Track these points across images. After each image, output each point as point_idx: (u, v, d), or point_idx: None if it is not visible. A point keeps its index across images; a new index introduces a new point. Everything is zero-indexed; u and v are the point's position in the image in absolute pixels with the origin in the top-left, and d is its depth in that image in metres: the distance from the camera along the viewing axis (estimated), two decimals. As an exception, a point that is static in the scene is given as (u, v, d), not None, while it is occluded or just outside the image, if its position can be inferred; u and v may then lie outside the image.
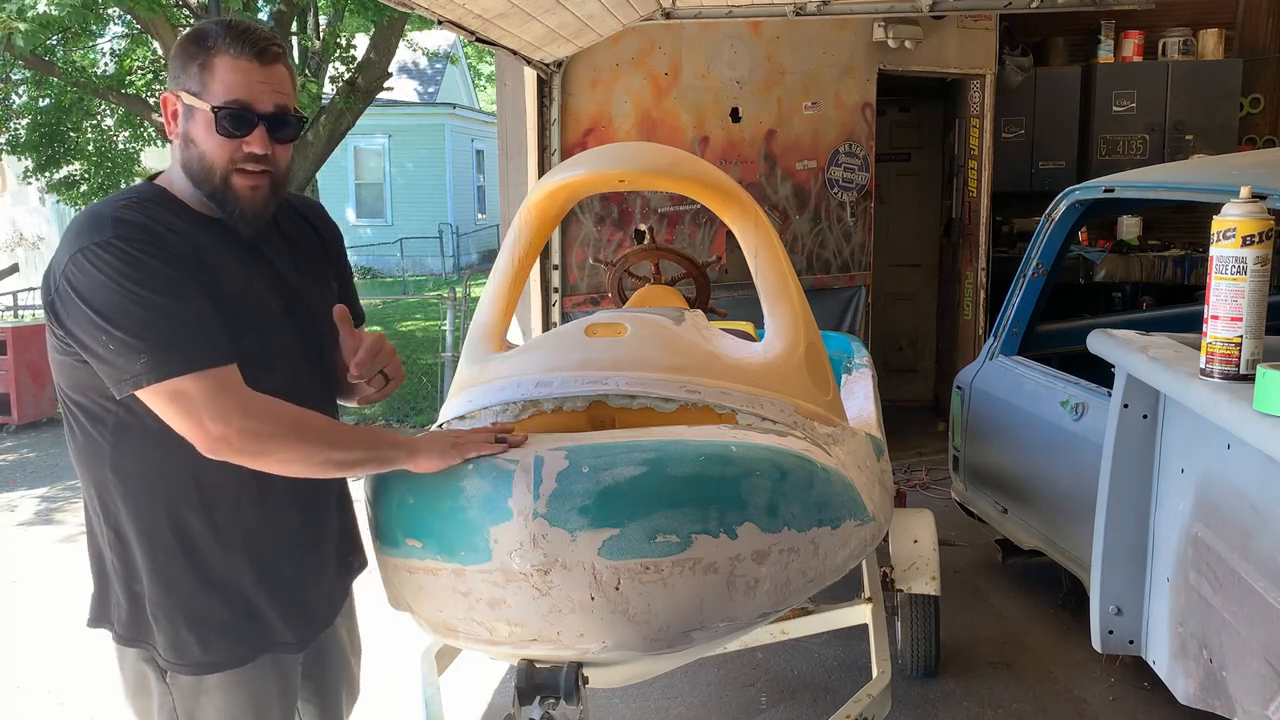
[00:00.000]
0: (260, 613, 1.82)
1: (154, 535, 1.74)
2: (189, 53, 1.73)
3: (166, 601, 1.75)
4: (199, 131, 1.73)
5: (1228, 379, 2.11)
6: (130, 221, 1.66)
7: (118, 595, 1.79)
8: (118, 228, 1.64)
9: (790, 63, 6.18)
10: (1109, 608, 2.68)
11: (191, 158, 1.75)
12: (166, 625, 1.75)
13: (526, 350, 2.33)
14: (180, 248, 1.68)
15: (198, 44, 1.73)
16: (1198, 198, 3.52)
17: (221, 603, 1.78)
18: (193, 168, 1.75)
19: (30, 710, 3.86)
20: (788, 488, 1.98)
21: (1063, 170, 7.30)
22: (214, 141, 1.73)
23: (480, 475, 1.83)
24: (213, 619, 1.77)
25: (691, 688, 3.82)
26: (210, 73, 1.71)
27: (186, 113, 1.74)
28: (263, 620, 1.83)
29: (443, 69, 25.08)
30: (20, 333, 9.13)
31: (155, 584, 1.75)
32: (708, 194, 2.42)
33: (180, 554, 1.75)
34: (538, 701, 1.96)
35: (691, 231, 6.11)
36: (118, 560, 1.77)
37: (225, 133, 1.72)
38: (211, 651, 1.77)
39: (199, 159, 1.74)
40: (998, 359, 4.47)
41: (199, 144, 1.74)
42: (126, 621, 1.78)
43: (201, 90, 1.72)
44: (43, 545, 5.87)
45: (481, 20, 4.53)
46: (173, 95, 1.75)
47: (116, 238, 1.62)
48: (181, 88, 1.74)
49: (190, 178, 1.77)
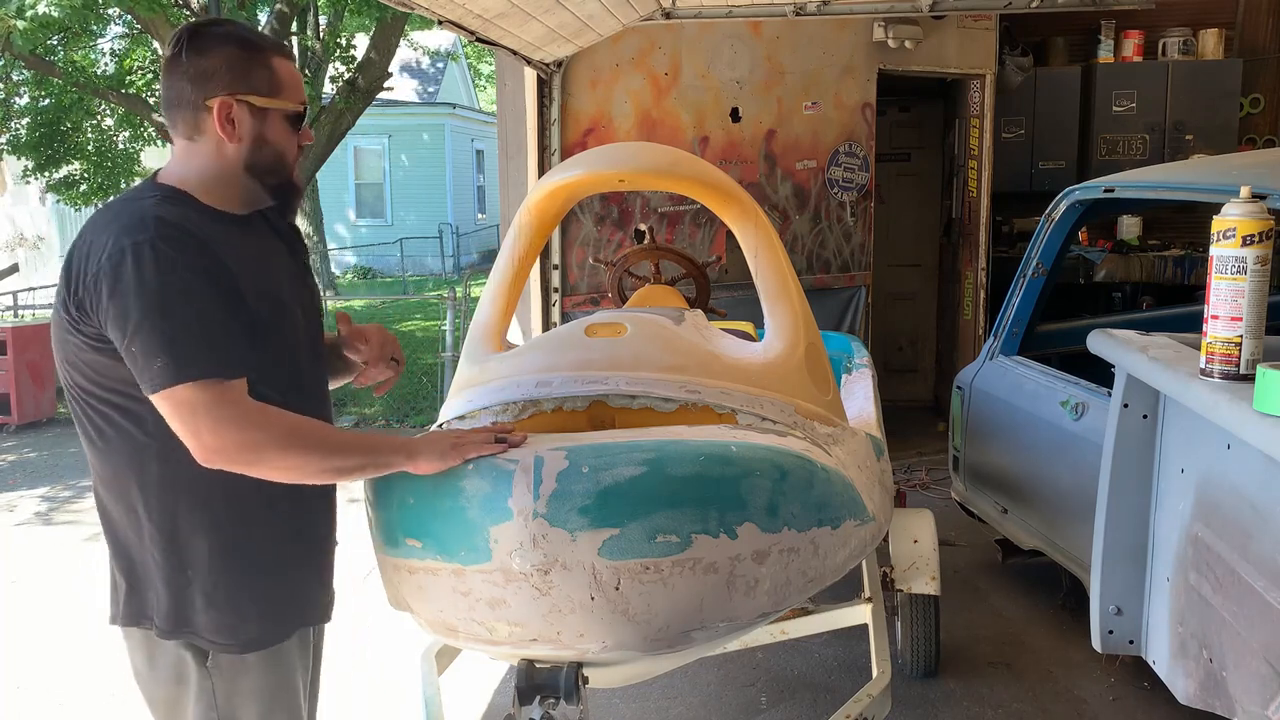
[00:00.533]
0: (304, 588, 1.92)
1: (210, 522, 1.77)
2: (248, 57, 1.78)
3: (225, 584, 1.78)
4: (276, 131, 1.82)
5: (1228, 379, 2.11)
6: (170, 221, 1.69)
7: (158, 589, 1.79)
8: (159, 227, 1.67)
9: (790, 63, 6.19)
10: (1109, 608, 2.68)
11: (265, 156, 1.82)
12: (224, 607, 1.78)
13: (526, 350, 2.33)
14: (211, 251, 1.71)
15: (252, 49, 1.79)
16: (1198, 198, 3.52)
17: (276, 581, 1.85)
18: (264, 165, 1.82)
19: (30, 710, 3.86)
20: (788, 488, 1.98)
21: (1063, 170, 7.30)
22: (290, 138, 1.84)
23: (480, 475, 1.83)
24: (268, 596, 1.83)
25: (691, 688, 3.82)
26: (277, 76, 1.80)
27: (258, 114, 1.79)
28: (305, 595, 1.92)
29: (443, 69, 25.09)
30: (20, 333, 9.12)
31: (212, 569, 1.77)
32: (708, 194, 2.42)
33: (237, 537, 1.79)
34: (538, 701, 1.96)
35: (691, 231, 6.11)
36: (160, 554, 1.77)
37: (297, 130, 1.85)
38: (264, 627, 1.83)
39: (275, 157, 1.83)
40: (998, 359, 4.47)
41: (274, 142, 1.82)
42: (167, 613, 1.79)
43: (275, 92, 1.80)
44: (42, 545, 5.87)
45: (481, 20, 4.53)
46: (230, 99, 1.77)
47: (160, 238, 1.65)
48: (249, 90, 1.78)
49: (257, 174, 1.82)
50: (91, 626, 4.56)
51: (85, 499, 6.74)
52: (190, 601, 1.78)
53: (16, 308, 13.67)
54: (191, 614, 1.79)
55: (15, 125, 13.80)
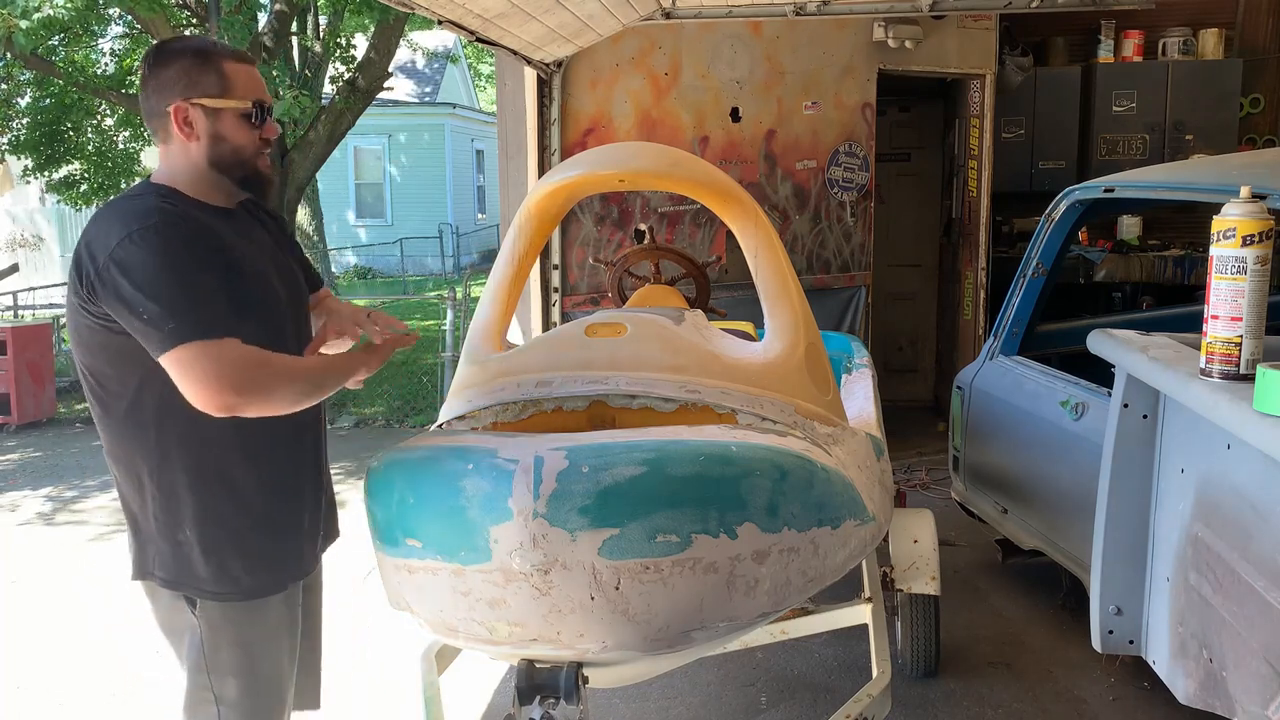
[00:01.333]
0: (289, 544, 2.12)
1: (203, 482, 1.98)
2: (196, 64, 1.98)
3: (217, 537, 2.00)
4: (229, 128, 2.01)
5: (1228, 379, 2.11)
6: (169, 210, 1.91)
7: (159, 545, 2.01)
8: (161, 215, 1.88)
9: (790, 63, 6.19)
10: (1109, 608, 2.68)
11: (223, 152, 2.01)
12: (215, 559, 2.00)
13: (526, 350, 2.33)
14: (209, 234, 1.94)
15: (200, 56, 1.99)
16: (1198, 198, 3.52)
17: (266, 536, 2.05)
18: (225, 160, 2.02)
19: (30, 710, 3.86)
20: (788, 488, 1.98)
21: (1063, 170, 7.30)
22: (246, 134, 2.03)
23: (480, 475, 1.83)
24: (258, 550, 2.04)
25: (691, 688, 3.82)
26: (227, 78, 2.00)
27: (211, 115, 1.99)
28: (291, 551, 2.12)
29: (442, 68, 25.07)
30: (20, 333, 9.12)
31: (205, 524, 1.99)
32: (708, 194, 2.42)
33: (227, 496, 2.01)
34: (538, 701, 1.96)
35: (691, 231, 6.11)
36: (161, 512, 1.99)
37: (254, 125, 2.03)
38: (256, 577, 2.04)
39: (232, 151, 2.02)
40: (998, 359, 4.48)
41: (230, 138, 2.01)
42: (169, 565, 2.01)
43: (225, 92, 1.99)
44: (43, 545, 5.87)
45: (481, 20, 4.53)
46: (186, 104, 1.97)
47: (162, 223, 1.86)
48: (200, 94, 1.98)
49: (222, 169, 2.03)
50: (91, 627, 4.57)
51: (86, 499, 6.74)
52: (186, 555, 2.00)
53: (16, 308, 13.68)
54: (189, 566, 2.00)
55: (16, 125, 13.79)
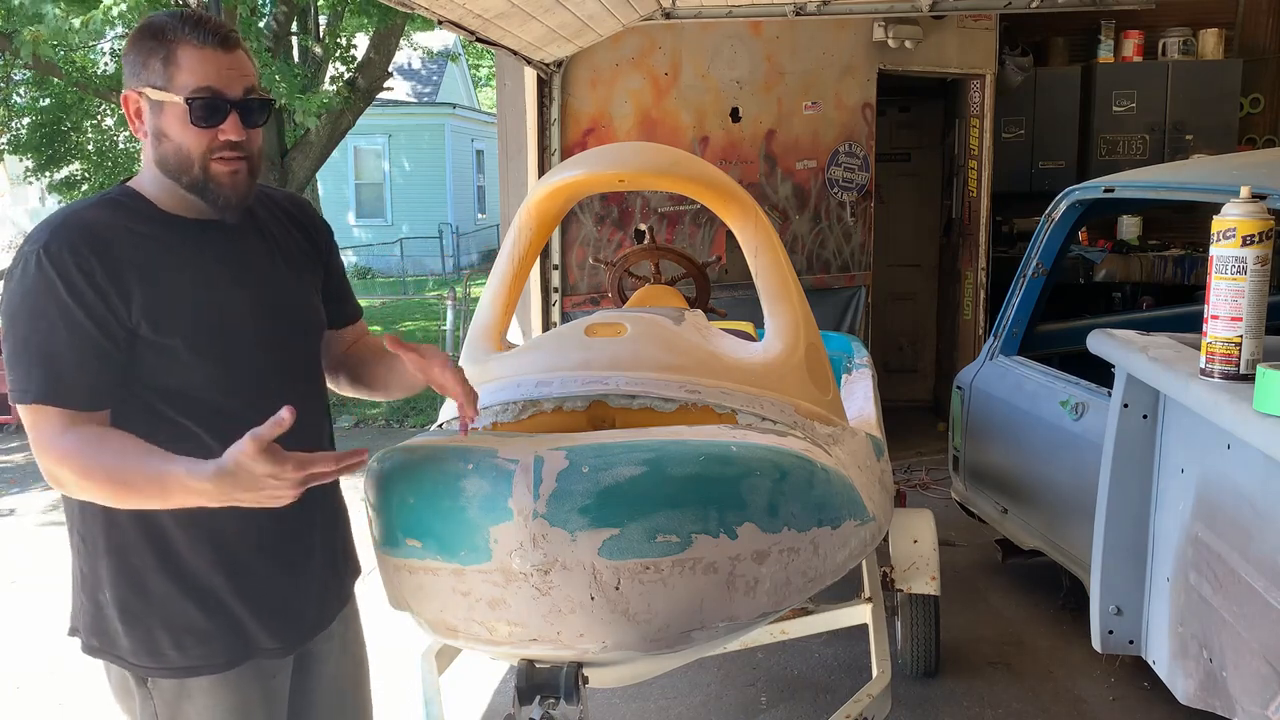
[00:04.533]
0: (239, 620, 1.77)
1: (123, 539, 1.70)
2: (147, 47, 1.67)
3: (138, 605, 1.71)
4: (171, 125, 1.68)
5: (1228, 379, 2.11)
6: (78, 226, 1.64)
7: (83, 601, 1.76)
8: (61, 233, 1.62)
9: (790, 63, 6.18)
10: (1109, 608, 2.68)
11: (166, 152, 1.69)
12: (140, 629, 1.71)
13: (526, 350, 2.33)
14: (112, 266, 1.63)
15: (156, 37, 1.66)
16: (1198, 198, 3.52)
17: (199, 609, 1.73)
18: (169, 162, 1.70)
19: (30, 710, 3.86)
20: (788, 488, 1.98)
21: (1063, 170, 7.29)
22: (189, 133, 1.67)
23: (480, 475, 1.83)
24: (190, 625, 1.73)
25: (691, 688, 3.82)
26: (175, 65, 1.65)
27: (154, 108, 1.68)
28: (242, 628, 1.77)
29: (442, 69, 25.06)
30: (20, 333, 9.11)
31: (124, 588, 1.70)
32: (708, 194, 2.42)
33: (151, 557, 1.70)
34: (538, 701, 1.96)
35: (691, 231, 6.11)
36: (85, 566, 1.74)
37: (200, 123, 1.67)
38: (189, 656, 1.73)
39: (175, 152, 1.69)
40: (998, 359, 4.47)
41: (173, 137, 1.68)
42: (90, 628, 1.75)
43: (168, 83, 1.66)
44: (42, 545, 5.87)
45: (481, 20, 4.53)
46: (134, 93, 1.69)
47: (49, 248, 1.60)
48: (144, 84, 1.68)
49: (167, 173, 1.71)
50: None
51: (85, 499, 6.74)
52: (109, 620, 1.72)
53: (16, 308, 13.65)
54: (112, 634, 1.73)
55: (16, 125, 13.79)
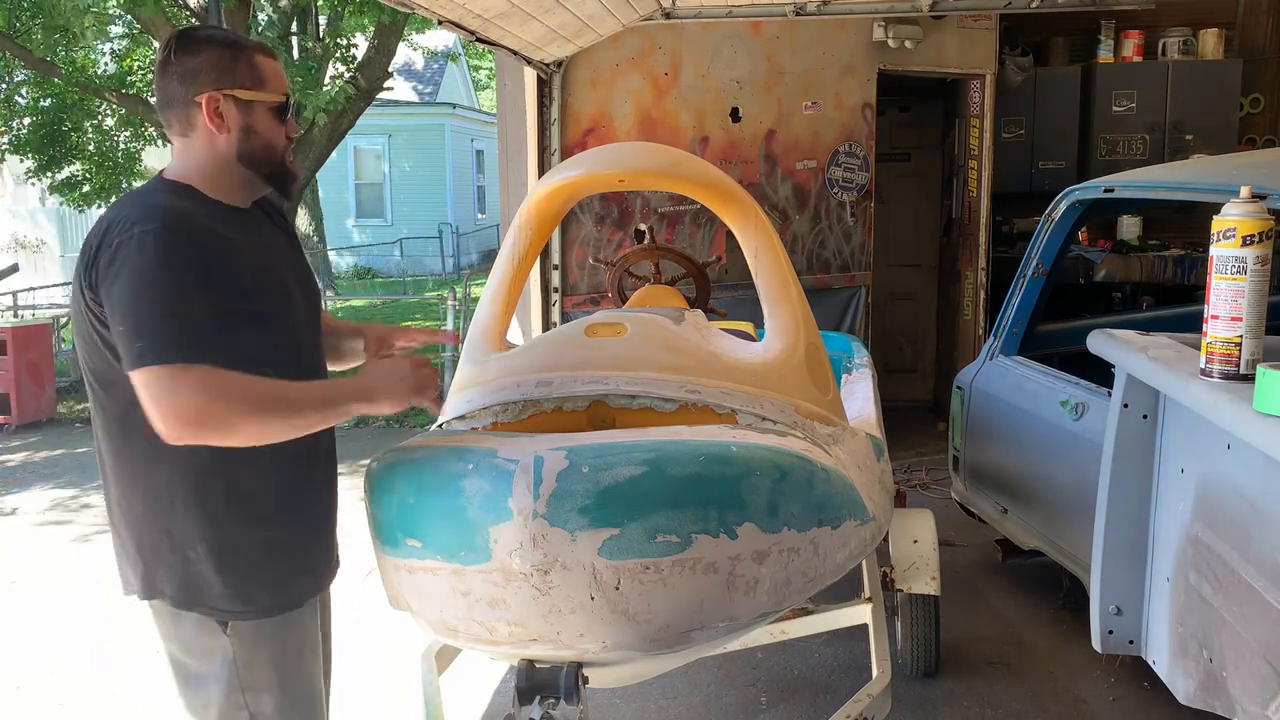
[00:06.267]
0: (309, 560, 2.01)
1: (208, 497, 1.86)
2: (228, 55, 1.90)
3: (230, 554, 1.87)
4: (261, 122, 1.93)
5: (1228, 379, 2.11)
6: (176, 212, 1.81)
7: (168, 564, 1.88)
8: (166, 217, 1.78)
9: (790, 63, 6.18)
10: (1109, 608, 2.68)
11: (255, 146, 1.93)
12: (234, 577, 1.87)
13: (526, 350, 2.33)
14: (215, 241, 1.82)
15: (230, 47, 1.91)
16: (1198, 198, 3.52)
17: (281, 550, 1.93)
18: (255, 155, 1.93)
19: (30, 710, 3.86)
20: (788, 488, 1.98)
21: (1063, 170, 7.29)
22: (276, 128, 1.95)
23: (480, 475, 1.83)
24: (273, 566, 1.92)
25: (691, 688, 3.82)
26: (259, 71, 1.92)
27: (244, 107, 1.90)
28: (310, 568, 2.02)
29: (442, 69, 25.06)
30: (20, 333, 9.12)
31: (214, 542, 1.86)
32: (708, 194, 2.42)
33: (234, 511, 1.87)
34: (538, 701, 1.96)
35: (691, 231, 6.11)
36: (169, 526, 1.86)
37: (282, 120, 1.96)
38: (274, 594, 1.92)
39: (264, 146, 1.94)
40: (998, 359, 4.47)
41: (263, 132, 1.93)
42: (180, 585, 1.88)
43: (258, 84, 1.91)
44: (42, 545, 5.87)
45: (481, 20, 4.53)
46: (218, 94, 1.88)
47: (165, 228, 1.76)
48: (234, 85, 1.89)
49: (252, 164, 1.94)
50: (91, 627, 4.56)
51: (85, 499, 6.73)
52: (199, 574, 1.87)
53: (16, 308, 13.67)
54: (202, 586, 1.87)
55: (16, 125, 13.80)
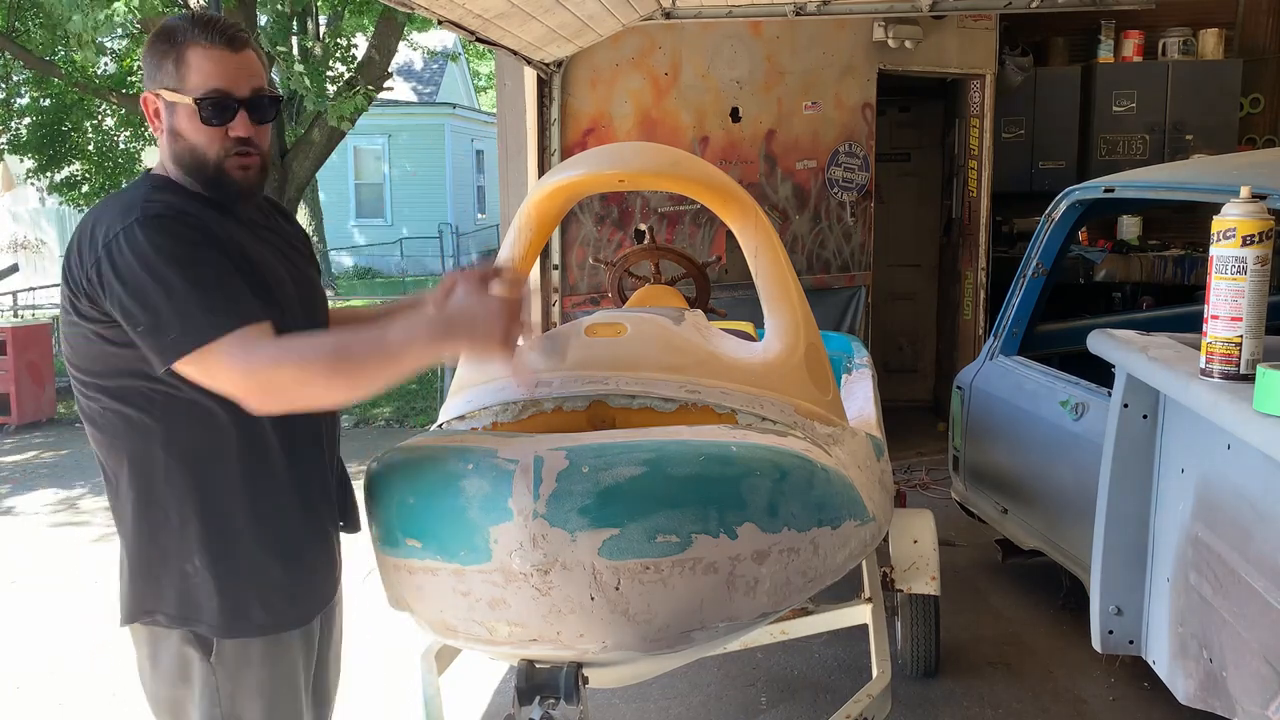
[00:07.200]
0: (311, 571, 1.89)
1: (212, 505, 1.77)
2: (160, 50, 1.77)
3: (230, 568, 1.78)
4: (184, 125, 1.77)
5: (1228, 379, 2.11)
6: (157, 201, 1.73)
7: (168, 577, 1.78)
8: (146, 207, 1.70)
9: (790, 63, 6.18)
10: (1109, 608, 2.68)
11: (182, 151, 1.79)
12: (230, 592, 1.77)
13: (526, 350, 2.33)
14: (202, 223, 1.73)
15: (168, 40, 1.77)
16: (1198, 198, 3.52)
17: (281, 565, 1.83)
18: (185, 160, 1.79)
19: (30, 710, 3.86)
20: (788, 488, 1.98)
21: (1063, 170, 7.29)
22: (201, 132, 1.77)
23: (480, 475, 1.83)
24: (275, 582, 1.82)
25: (691, 688, 3.82)
26: (186, 66, 1.75)
27: (169, 109, 1.78)
28: (312, 580, 1.90)
29: (442, 69, 25.06)
30: (20, 333, 9.12)
31: (216, 553, 1.77)
32: (708, 194, 2.42)
33: (239, 519, 1.78)
34: (538, 701, 1.96)
35: (691, 231, 6.11)
36: (171, 541, 1.77)
37: (210, 122, 1.76)
38: (270, 613, 1.81)
39: (190, 151, 1.79)
40: (998, 359, 4.47)
41: (187, 137, 1.78)
42: (177, 602, 1.78)
43: (180, 85, 1.76)
44: (42, 545, 5.87)
45: (481, 20, 4.53)
46: (151, 95, 1.79)
47: (146, 217, 1.67)
48: (160, 86, 1.78)
49: (184, 169, 1.80)
50: (91, 627, 4.56)
51: (85, 499, 6.74)
52: (196, 588, 1.77)
53: (16, 308, 13.68)
54: (199, 600, 1.77)
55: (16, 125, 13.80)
